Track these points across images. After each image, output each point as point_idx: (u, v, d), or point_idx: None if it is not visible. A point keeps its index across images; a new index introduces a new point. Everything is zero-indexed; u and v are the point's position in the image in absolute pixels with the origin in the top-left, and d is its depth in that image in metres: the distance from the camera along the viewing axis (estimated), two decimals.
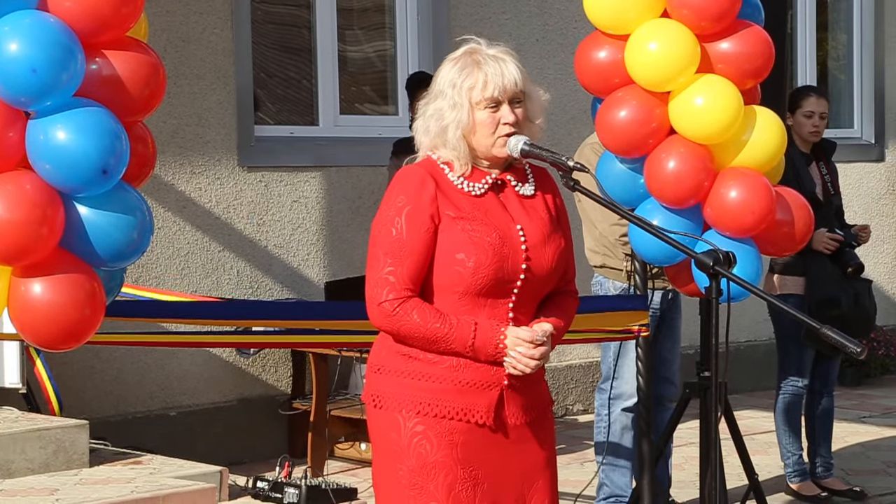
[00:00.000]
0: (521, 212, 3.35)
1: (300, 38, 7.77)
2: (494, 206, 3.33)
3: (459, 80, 3.30)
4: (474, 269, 3.24)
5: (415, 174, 3.32)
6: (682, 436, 5.53)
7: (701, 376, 4.64)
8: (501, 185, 3.37)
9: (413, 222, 3.25)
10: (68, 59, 3.69)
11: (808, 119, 6.29)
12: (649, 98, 4.79)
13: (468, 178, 3.33)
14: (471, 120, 3.29)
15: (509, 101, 3.30)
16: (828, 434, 6.45)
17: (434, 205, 3.27)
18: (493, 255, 3.25)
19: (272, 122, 7.63)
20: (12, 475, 5.00)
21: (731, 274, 3.45)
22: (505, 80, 3.28)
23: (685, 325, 7.96)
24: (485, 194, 3.33)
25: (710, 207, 4.82)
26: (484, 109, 3.29)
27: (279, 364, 7.34)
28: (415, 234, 3.25)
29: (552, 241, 3.36)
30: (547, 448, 3.42)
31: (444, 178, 3.32)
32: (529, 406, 3.37)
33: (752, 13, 4.89)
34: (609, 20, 4.83)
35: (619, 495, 5.75)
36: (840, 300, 6.12)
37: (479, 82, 3.28)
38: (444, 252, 3.26)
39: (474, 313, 3.27)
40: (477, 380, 3.29)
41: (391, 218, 3.27)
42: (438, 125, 3.32)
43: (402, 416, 3.29)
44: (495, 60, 3.31)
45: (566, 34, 8.19)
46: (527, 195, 3.39)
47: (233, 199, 7.19)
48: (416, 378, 3.29)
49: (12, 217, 3.75)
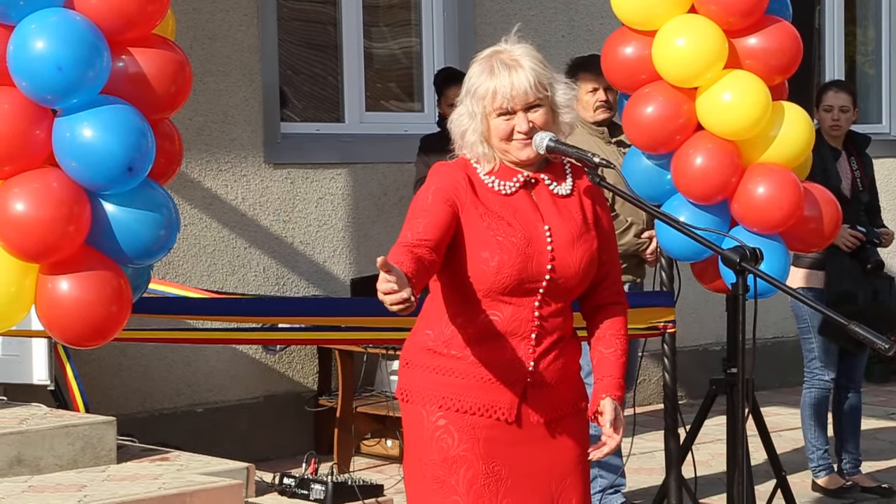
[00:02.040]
0: (553, 211, 3.33)
1: (326, 34, 7.78)
2: (525, 206, 3.31)
3: (474, 89, 3.31)
4: (497, 268, 3.23)
5: (449, 167, 3.36)
6: (708, 432, 5.51)
7: (728, 373, 4.63)
8: (534, 184, 3.35)
9: (438, 195, 3.26)
10: (94, 56, 3.71)
11: (828, 113, 6.27)
12: (677, 94, 4.78)
13: (499, 177, 3.33)
14: (486, 127, 3.30)
15: (524, 109, 3.28)
16: (855, 430, 6.42)
17: (459, 191, 3.27)
18: (517, 256, 3.24)
19: (298, 119, 7.64)
20: (41, 471, 5.02)
21: (758, 270, 3.43)
22: (514, 90, 3.25)
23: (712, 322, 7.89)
24: (515, 193, 3.32)
25: (737, 203, 4.80)
26: (498, 117, 3.29)
27: (305, 361, 7.35)
28: (438, 203, 3.24)
29: (583, 243, 3.33)
30: (577, 446, 3.39)
31: (476, 176, 3.33)
32: (557, 404, 3.35)
33: (779, 9, 4.87)
34: (636, 16, 4.82)
35: (618, 486, 5.79)
36: (857, 296, 6.09)
37: (489, 92, 3.28)
38: (468, 249, 3.26)
39: (500, 310, 3.27)
40: (500, 376, 3.28)
41: (423, 195, 3.30)
42: (459, 129, 3.34)
43: (426, 409, 3.30)
44: (508, 68, 3.27)
45: (593, 30, 8.17)
46: (562, 195, 3.36)
47: (259, 196, 7.20)
48: (439, 373, 3.30)
49: (39, 214, 3.77)
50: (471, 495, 3.27)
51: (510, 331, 3.28)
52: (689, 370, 7.86)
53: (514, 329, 3.28)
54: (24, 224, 3.78)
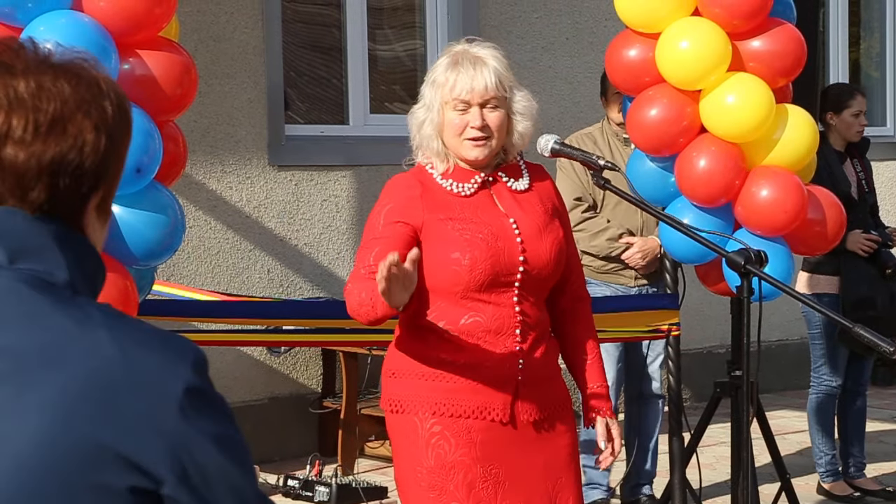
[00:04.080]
0: (515, 205, 3.34)
1: (330, 37, 7.79)
2: (485, 204, 3.32)
3: (433, 79, 3.31)
4: (470, 265, 3.22)
5: (402, 180, 3.35)
6: (712, 435, 5.51)
7: (732, 375, 4.63)
8: (492, 182, 3.35)
9: (389, 217, 3.26)
10: (102, 58, 3.71)
11: (856, 118, 6.25)
12: (680, 96, 4.78)
13: (455, 179, 3.32)
14: (441, 119, 3.29)
15: (481, 105, 3.27)
16: (860, 434, 6.42)
17: (416, 205, 3.26)
18: (488, 250, 3.24)
19: (302, 121, 7.64)
20: None
21: (762, 273, 3.44)
22: (475, 82, 3.25)
23: (716, 324, 7.89)
24: (474, 194, 3.32)
25: (741, 206, 4.80)
26: (453, 110, 3.28)
27: (309, 363, 7.36)
28: (388, 226, 3.24)
29: (549, 232, 3.34)
30: (568, 444, 3.41)
31: (432, 180, 3.32)
32: (546, 402, 3.37)
33: (783, 11, 4.87)
34: (640, 18, 4.82)
35: (597, 483, 5.83)
36: (875, 300, 6.09)
37: (449, 82, 3.28)
38: (438, 253, 3.24)
39: (479, 311, 3.26)
40: (491, 377, 3.28)
41: (374, 219, 3.29)
42: (417, 121, 3.34)
43: (420, 417, 3.29)
44: (473, 62, 3.28)
45: (596, 33, 8.18)
46: (520, 190, 3.37)
47: (263, 198, 7.21)
48: (430, 379, 3.29)
49: None
50: (471, 500, 3.26)
51: (494, 329, 3.27)
52: (694, 373, 7.86)
53: (497, 327, 3.27)
54: None
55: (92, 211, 1.55)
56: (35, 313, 1.45)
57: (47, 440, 1.37)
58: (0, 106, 1.47)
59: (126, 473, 1.40)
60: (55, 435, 1.38)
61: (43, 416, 1.38)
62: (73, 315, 1.47)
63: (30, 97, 1.48)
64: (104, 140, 1.52)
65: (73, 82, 1.51)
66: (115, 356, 1.43)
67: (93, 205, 1.55)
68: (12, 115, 1.47)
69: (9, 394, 1.38)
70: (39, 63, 1.51)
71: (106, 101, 1.54)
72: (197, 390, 1.48)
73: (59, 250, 1.51)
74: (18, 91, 1.48)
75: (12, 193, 1.49)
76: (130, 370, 1.44)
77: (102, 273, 1.57)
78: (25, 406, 1.38)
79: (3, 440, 1.36)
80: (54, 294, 1.48)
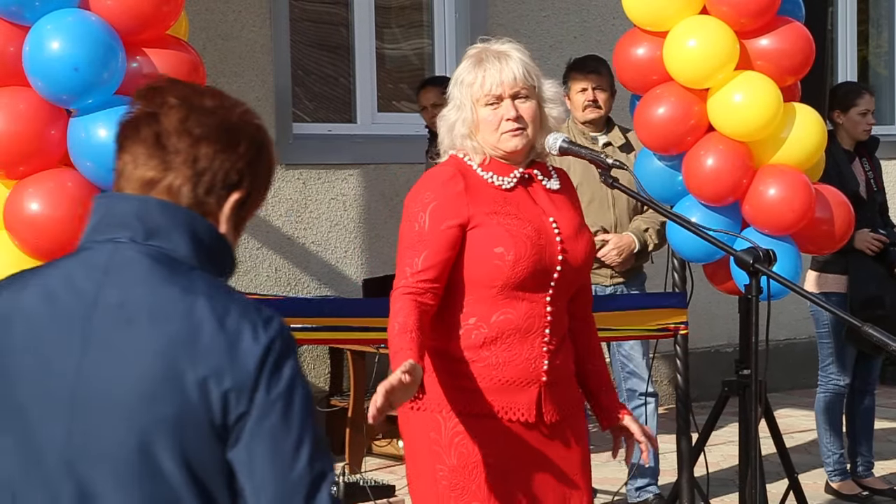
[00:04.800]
0: (551, 205, 3.35)
1: (338, 35, 7.79)
2: (525, 200, 3.32)
3: (461, 79, 3.32)
4: (514, 262, 3.22)
5: (443, 173, 3.32)
6: (720, 434, 5.51)
7: (740, 374, 4.62)
8: (529, 180, 3.36)
9: (436, 217, 3.24)
10: (110, 57, 3.72)
11: (864, 117, 6.23)
12: (688, 95, 4.78)
13: (495, 172, 3.33)
14: (474, 118, 3.29)
15: (512, 97, 3.28)
16: (869, 433, 6.41)
17: (461, 200, 3.26)
18: (532, 248, 3.24)
19: (310, 119, 7.65)
20: None
21: (771, 272, 3.43)
22: (503, 75, 3.26)
23: (724, 323, 7.89)
24: (514, 188, 3.33)
25: (748, 205, 4.80)
26: (485, 106, 3.28)
27: (317, 361, 7.36)
28: (436, 229, 3.23)
29: (583, 234, 3.37)
30: (583, 445, 3.42)
31: (472, 172, 3.32)
32: (564, 404, 3.37)
33: (792, 9, 4.87)
34: (648, 17, 4.82)
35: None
36: (883, 300, 6.08)
37: (477, 79, 3.28)
38: (481, 247, 3.24)
39: (513, 308, 3.26)
40: (516, 377, 3.28)
41: (416, 214, 3.27)
42: (447, 124, 3.34)
43: (443, 416, 3.27)
44: (497, 57, 3.29)
45: (604, 31, 8.17)
46: (553, 189, 3.38)
47: (271, 196, 7.18)
48: (454, 377, 3.28)
49: (54, 214, 3.78)
50: (492, 500, 3.25)
51: (525, 328, 3.27)
52: (701, 372, 7.85)
53: (528, 326, 3.27)
54: (38, 223, 3.79)
55: (228, 209, 2.02)
56: (150, 281, 1.93)
57: (156, 365, 1.88)
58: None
59: (207, 394, 1.88)
60: (159, 361, 1.89)
61: (152, 354, 1.89)
62: (181, 284, 1.93)
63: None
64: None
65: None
66: (208, 315, 1.91)
67: (230, 204, 2.02)
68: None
69: (128, 336, 1.90)
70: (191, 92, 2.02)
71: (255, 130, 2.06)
72: (273, 350, 1.94)
73: (185, 232, 1.97)
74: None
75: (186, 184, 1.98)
76: (221, 327, 1.91)
77: (230, 258, 2.04)
78: (138, 346, 1.90)
79: (125, 365, 1.89)
80: (173, 267, 1.94)
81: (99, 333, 1.91)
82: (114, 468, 1.88)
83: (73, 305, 1.94)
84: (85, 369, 1.90)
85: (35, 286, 1.99)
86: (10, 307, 1.97)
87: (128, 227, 1.97)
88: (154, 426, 1.87)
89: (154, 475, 1.88)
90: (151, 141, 1.98)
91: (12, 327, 1.95)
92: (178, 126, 1.97)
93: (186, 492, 1.88)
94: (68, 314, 1.93)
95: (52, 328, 1.94)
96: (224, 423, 1.90)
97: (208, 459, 1.89)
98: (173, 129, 1.98)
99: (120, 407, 1.88)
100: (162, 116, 1.98)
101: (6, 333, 1.95)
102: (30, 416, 1.92)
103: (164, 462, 1.88)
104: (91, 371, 1.90)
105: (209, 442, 1.89)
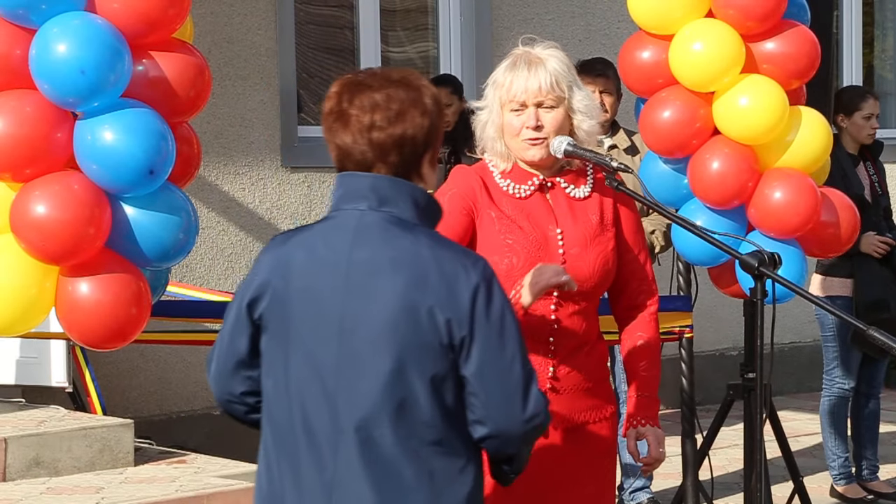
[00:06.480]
0: (568, 214, 3.32)
1: (343, 38, 7.80)
2: (539, 209, 3.30)
3: (494, 80, 3.32)
4: (507, 272, 3.21)
5: (465, 170, 3.37)
6: (725, 437, 5.50)
7: (745, 378, 4.61)
8: (550, 187, 3.35)
9: (453, 203, 3.28)
10: (116, 60, 3.73)
11: (868, 121, 6.23)
12: (693, 98, 4.78)
13: (514, 180, 3.32)
14: (501, 120, 3.29)
15: (536, 105, 3.27)
16: (874, 437, 6.40)
17: (475, 196, 3.29)
18: (527, 259, 3.22)
19: (315, 122, 7.65)
20: (58, 473, 5.04)
21: (776, 275, 3.43)
22: (529, 82, 3.24)
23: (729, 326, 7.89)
24: (530, 196, 3.32)
25: (754, 208, 4.80)
26: (511, 112, 3.28)
27: None
28: (453, 212, 3.26)
29: (596, 245, 3.31)
30: (601, 455, 3.35)
31: (492, 179, 3.33)
32: (581, 410, 3.31)
33: (797, 13, 4.87)
34: (653, 20, 4.82)
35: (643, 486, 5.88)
36: (889, 303, 6.07)
37: (506, 83, 3.28)
38: (482, 252, 3.25)
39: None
40: None
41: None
42: (481, 122, 3.35)
43: None
44: (528, 64, 3.27)
45: (609, 34, 8.17)
46: (579, 197, 3.35)
47: (276, 199, 7.22)
48: None
49: (60, 216, 3.78)
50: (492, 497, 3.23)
51: (526, 335, 3.25)
52: (706, 375, 7.85)
53: (528, 333, 3.25)
54: (44, 226, 3.80)
55: (426, 164, 2.63)
56: (389, 238, 2.56)
57: (397, 303, 2.52)
58: (366, 109, 2.58)
59: (436, 323, 2.51)
60: (399, 300, 2.51)
61: (395, 293, 2.52)
62: (409, 239, 2.56)
63: (383, 101, 2.58)
64: (427, 122, 2.61)
65: (405, 90, 2.61)
66: (431, 262, 2.54)
67: (426, 161, 2.63)
68: (375, 113, 2.57)
69: (376, 282, 2.53)
70: (385, 80, 2.61)
71: (426, 98, 2.63)
72: (480, 285, 2.54)
73: (408, 199, 2.59)
74: (376, 99, 2.58)
75: (378, 159, 2.58)
76: (441, 270, 2.53)
77: (437, 208, 2.66)
78: (385, 289, 2.52)
79: (376, 304, 2.52)
80: (402, 226, 2.57)
81: (355, 280, 2.53)
82: (372, 380, 2.49)
83: (333, 258, 2.55)
84: (348, 307, 2.53)
85: (297, 243, 2.60)
86: (285, 256, 2.58)
87: (365, 199, 2.57)
88: (400, 347, 2.49)
89: (401, 384, 2.50)
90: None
91: (290, 271, 2.56)
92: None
93: (424, 396, 2.50)
94: (330, 265, 2.55)
95: (318, 275, 2.55)
96: (451, 344, 2.51)
97: (441, 372, 2.51)
98: None
99: (375, 334, 2.50)
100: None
101: (285, 275, 2.56)
102: (307, 340, 2.53)
103: (410, 374, 2.49)
104: (352, 309, 2.52)
105: (441, 358, 2.51)
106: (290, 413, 2.57)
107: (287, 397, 2.57)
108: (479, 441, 2.57)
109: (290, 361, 2.56)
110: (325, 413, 2.53)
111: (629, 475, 5.88)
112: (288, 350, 2.56)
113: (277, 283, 2.57)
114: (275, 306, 2.57)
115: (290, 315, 2.56)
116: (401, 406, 2.50)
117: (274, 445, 2.64)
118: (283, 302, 2.56)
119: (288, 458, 2.60)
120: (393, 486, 2.51)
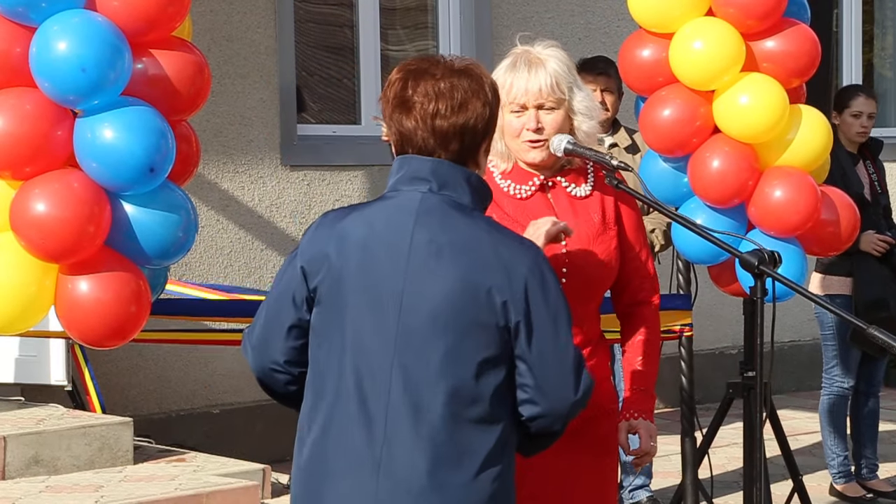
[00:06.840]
0: (569, 212, 3.31)
1: (343, 37, 7.79)
2: (540, 209, 3.29)
3: (495, 80, 3.30)
4: None
5: None
6: (724, 436, 5.50)
7: (745, 376, 4.62)
8: (551, 187, 3.34)
9: None
10: (116, 58, 3.73)
11: (856, 119, 6.21)
12: (693, 97, 4.78)
13: (514, 180, 3.32)
14: (501, 121, 3.27)
15: (536, 107, 3.26)
16: (873, 435, 6.41)
17: None
18: None
19: (315, 121, 7.65)
20: (58, 471, 5.04)
21: (776, 273, 3.43)
22: (529, 84, 3.23)
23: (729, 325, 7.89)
24: (530, 197, 3.31)
25: (754, 207, 4.80)
26: (511, 113, 3.27)
27: None
28: None
29: (599, 242, 3.31)
30: (602, 452, 3.34)
31: (492, 178, 3.32)
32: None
33: (797, 11, 4.87)
34: (653, 18, 4.82)
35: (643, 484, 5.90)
36: (888, 302, 6.07)
37: (506, 84, 3.26)
38: None
39: None
40: None
41: None
42: None
43: None
44: (529, 64, 3.26)
45: (609, 33, 8.17)
46: (580, 196, 3.34)
47: (275, 197, 7.22)
48: None
49: (60, 214, 3.78)
50: None
51: None
52: (706, 373, 7.85)
53: None
54: (44, 224, 3.80)
55: (482, 152, 2.75)
56: (449, 221, 2.66)
57: (457, 285, 2.62)
58: (430, 97, 2.67)
59: (493, 304, 2.61)
60: (459, 282, 2.62)
61: (455, 274, 2.62)
62: (468, 222, 2.67)
63: (447, 90, 2.67)
64: (488, 111, 2.71)
65: (468, 79, 2.70)
66: (489, 246, 2.64)
67: (482, 149, 2.74)
68: (439, 102, 2.67)
69: (437, 263, 2.62)
70: (449, 69, 2.70)
71: (487, 88, 2.72)
72: (535, 270, 2.65)
73: (466, 184, 2.70)
74: (440, 88, 2.67)
75: (440, 146, 2.68)
76: (498, 254, 2.64)
77: (489, 193, 2.78)
78: (446, 270, 2.62)
79: (437, 284, 2.62)
80: (461, 210, 2.68)
81: (416, 260, 2.62)
82: (429, 357, 2.59)
83: (394, 238, 2.64)
84: (409, 286, 2.61)
85: (355, 219, 2.69)
86: (343, 231, 2.67)
87: (426, 181, 2.67)
88: (458, 326, 2.59)
89: (456, 362, 2.60)
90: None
91: (348, 247, 2.65)
92: None
93: (477, 374, 2.60)
94: (392, 244, 2.64)
95: (379, 252, 2.64)
96: (506, 326, 2.61)
97: (494, 352, 2.61)
98: None
99: (435, 313, 2.60)
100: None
101: (343, 250, 2.65)
102: (364, 315, 2.62)
103: (465, 353, 2.60)
104: (413, 287, 2.62)
105: (495, 339, 2.60)
106: (343, 385, 2.63)
107: (339, 369, 2.63)
108: (529, 420, 2.66)
109: (345, 334, 2.62)
110: (380, 386, 2.60)
111: (629, 473, 5.88)
112: (344, 323, 2.63)
113: (335, 257, 2.64)
114: (331, 280, 2.64)
115: (347, 289, 2.63)
116: (454, 383, 2.58)
117: (322, 416, 2.68)
118: (340, 276, 2.63)
119: (337, 430, 2.65)
120: (441, 459, 2.59)
